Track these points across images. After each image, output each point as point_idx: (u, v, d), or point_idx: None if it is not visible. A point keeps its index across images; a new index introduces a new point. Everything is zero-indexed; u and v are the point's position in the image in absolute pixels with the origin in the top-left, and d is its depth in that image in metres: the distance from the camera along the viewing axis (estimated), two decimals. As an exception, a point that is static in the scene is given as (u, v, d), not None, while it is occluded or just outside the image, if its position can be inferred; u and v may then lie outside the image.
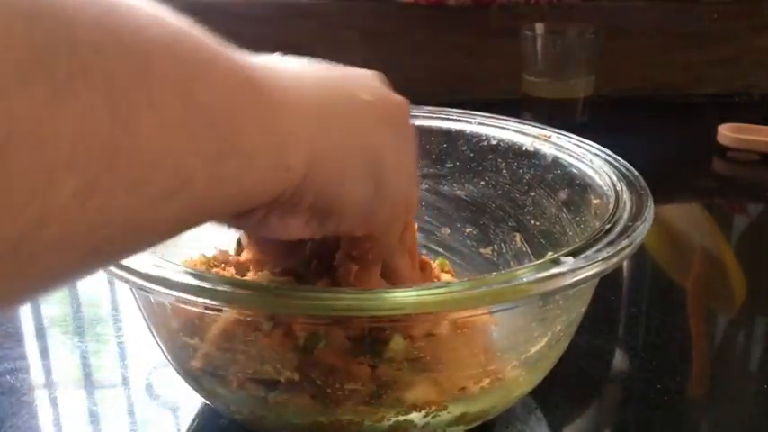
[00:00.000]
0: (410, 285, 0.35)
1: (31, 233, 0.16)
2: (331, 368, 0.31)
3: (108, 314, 0.50)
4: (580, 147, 0.43)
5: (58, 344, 0.46)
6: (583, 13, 0.93)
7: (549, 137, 0.44)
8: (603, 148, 0.42)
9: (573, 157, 0.43)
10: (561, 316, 0.35)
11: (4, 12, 0.15)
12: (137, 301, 0.36)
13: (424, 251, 0.48)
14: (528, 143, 0.45)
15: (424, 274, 0.38)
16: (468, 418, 0.34)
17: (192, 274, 0.28)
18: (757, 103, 0.97)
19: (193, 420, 0.40)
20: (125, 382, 0.43)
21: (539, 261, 0.30)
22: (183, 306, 0.32)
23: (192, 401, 0.40)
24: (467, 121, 0.47)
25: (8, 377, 0.42)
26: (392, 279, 0.33)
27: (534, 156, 0.45)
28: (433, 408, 0.32)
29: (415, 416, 0.32)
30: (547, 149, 0.44)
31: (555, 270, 0.29)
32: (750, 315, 0.52)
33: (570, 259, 0.30)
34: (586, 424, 0.40)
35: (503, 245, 0.47)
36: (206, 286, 0.27)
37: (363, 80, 0.30)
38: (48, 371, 0.44)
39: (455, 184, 0.48)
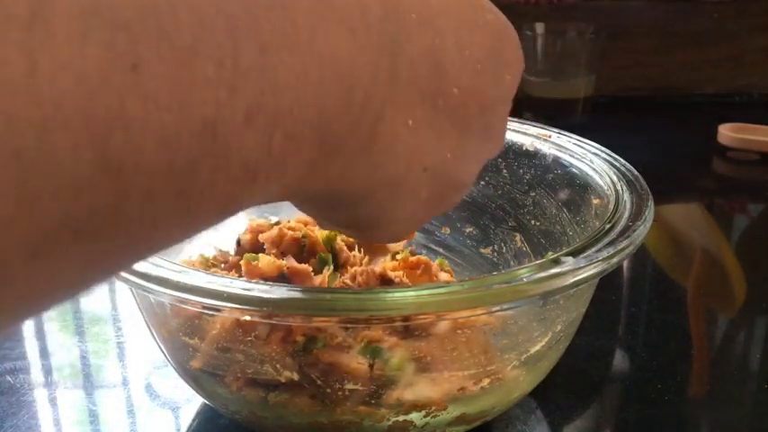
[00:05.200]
0: (409, 285, 0.36)
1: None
2: (330, 368, 0.31)
3: (108, 314, 0.50)
4: (580, 147, 0.43)
5: (57, 344, 0.46)
6: (583, 13, 0.93)
7: (549, 137, 0.44)
8: (603, 148, 0.42)
9: (573, 156, 0.43)
10: (561, 316, 0.35)
11: None
12: (137, 301, 0.36)
13: (424, 251, 0.48)
14: (528, 143, 0.45)
15: (424, 274, 0.38)
16: (468, 419, 0.34)
17: (191, 273, 0.28)
18: (757, 103, 0.97)
19: (193, 420, 0.40)
20: (125, 382, 0.43)
21: (539, 261, 0.30)
22: (182, 306, 0.32)
23: (192, 401, 0.41)
24: (467, 121, 0.47)
25: (8, 377, 0.42)
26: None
27: (534, 156, 0.45)
28: (433, 408, 0.32)
29: (414, 416, 0.32)
30: (547, 149, 0.44)
31: (555, 270, 0.29)
32: (750, 315, 0.52)
33: (570, 259, 0.30)
34: (586, 424, 0.40)
35: (503, 245, 0.47)
36: (205, 286, 0.27)
37: None
38: (48, 371, 0.44)
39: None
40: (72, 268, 0.14)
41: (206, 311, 0.31)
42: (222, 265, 0.40)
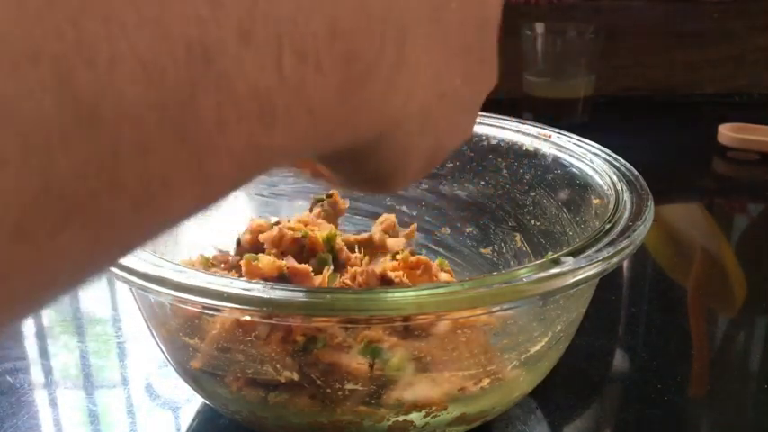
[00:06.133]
0: (409, 285, 0.36)
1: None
2: (330, 368, 0.31)
3: (108, 314, 0.50)
4: (580, 147, 0.43)
5: (58, 344, 0.46)
6: (583, 13, 0.93)
7: (549, 137, 0.44)
8: (603, 148, 0.42)
9: (573, 156, 0.43)
10: (561, 316, 0.35)
11: None
12: (137, 301, 0.36)
13: (424, 251, 0.48)
14: (528, 143, 0.45)
15: (424, 274, 0.38)
16: (468, 419, 0.34)
17: (191, 273, 0.28)
18: (757, 103, 0.97)
19: (193, 420, 0.40)
20: (125, 382, 0.43)
21: (539, 261, 0.30)
22: (182, 306, 0.32)
23: (192, 401, 0.41)
24: (467, 121, 0.47)
25: (8, 377, 0.42)
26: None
27: (534, 156, 0.45)
28: (433, 408, 0.32)
29: (414, 416, 0.32)
30: (547, 149, 0.44)
31: (555, 270, 0.29)
32: (750, 315, 0.52)
33: (570, 259, 0.30)
34: (586, 424, 0.40)
35: (503, 245, 0.47)
36: (205, 286, 0.27)
37: None
38: (48, 371, 0.44)
39: (455, 184, 0.48)
40: (67, 250, 0.12)
41: (206, 311, 0.31)
42: (222, 265, 0.40)
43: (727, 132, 0.80)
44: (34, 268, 0.12)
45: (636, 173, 0.39)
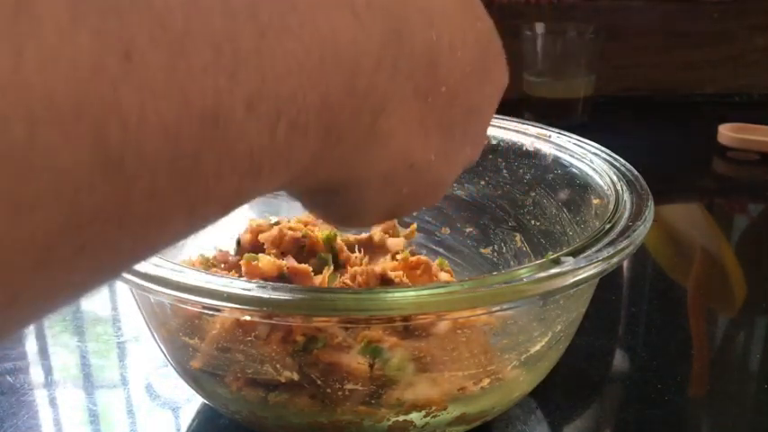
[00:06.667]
0: (409, 285, 0.36)
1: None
2: (330, 368, 0.31)
3: (108, 314, 0.50)
4: (580, 147, 0.43)
5: (58, 344, 0.46)
6: (583, 13, 0.93)
7: (549, 137, 0.44)
8: (603, 148, 0.42)
9: (573, 156, 0.43)
10: (561, 316, 0.35)
11: None
12: (137, 301, 0.36)
13: (424, 251, 0.48)
14: (528, 143, 0.45)
15: (424, 274, 0.38)
16: (468, 419, 0.34)
17: (191, 273, 0.28)
18: (757, 103, 0.97)
19: (193, 420, 0.40)
20: (125, 382, 0.43)
21: (539, 261, 0.30)
22: (182, 306, 0.32)
23: (192, 401, 0.41)
24: (467, 121, 0.47)
25: (8, 377, 0.42)
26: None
27: (534, 156, 0.45)
28: (433, 408, 0.32)
29: (414, 416, 0.32)
30: (547, 149, 0.44)
31: (555, 270, 0.29)
32: (750, 315, 0.52)
33: (570, 259, 0.30)
34: (586, 424, 0.40)
35: (503, 245, 0.47)
36: (205, 286, 0.27)
37: None
38: (48, 371, 0.44)
39: (455, 184, 0.48)
40: (76, 273, 0.14)
41: (206, 311, 0.31)
42: (222, 265, 0.40)
43: (727, 132, 0.80)
44: (45, 294, 0.14)
45: (636, 173, 0.39)
